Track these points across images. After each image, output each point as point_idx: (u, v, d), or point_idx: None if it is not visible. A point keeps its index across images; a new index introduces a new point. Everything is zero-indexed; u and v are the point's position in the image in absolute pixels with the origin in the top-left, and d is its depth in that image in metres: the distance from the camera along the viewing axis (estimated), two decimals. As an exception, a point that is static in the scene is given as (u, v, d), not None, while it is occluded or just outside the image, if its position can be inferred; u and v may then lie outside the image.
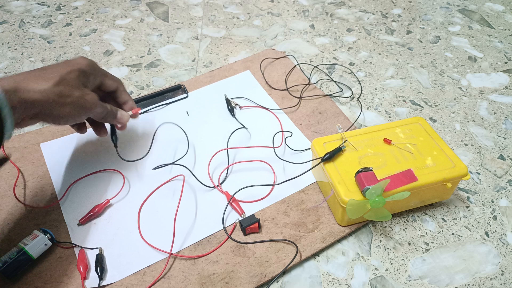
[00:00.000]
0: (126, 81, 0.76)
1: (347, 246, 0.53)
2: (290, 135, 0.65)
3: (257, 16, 0.94)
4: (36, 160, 0.61)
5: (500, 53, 0.85)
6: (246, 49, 0.84)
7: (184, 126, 0.66)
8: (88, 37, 0.87)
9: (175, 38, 0.87)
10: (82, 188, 0.58)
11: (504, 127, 0.69)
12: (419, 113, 0.71)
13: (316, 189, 0.58)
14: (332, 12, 0.96)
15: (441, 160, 0.53)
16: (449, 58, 0.84)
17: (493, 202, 0.58)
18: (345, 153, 0.54)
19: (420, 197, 0.54)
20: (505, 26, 0.93)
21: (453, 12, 0.98)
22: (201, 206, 0.56)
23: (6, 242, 0.51)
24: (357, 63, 0.82)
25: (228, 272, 0.49)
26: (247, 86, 0.74)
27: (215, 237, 0.52)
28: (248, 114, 0.69)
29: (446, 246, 0.53)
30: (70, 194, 0.57)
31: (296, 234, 0.53)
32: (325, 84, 0.77)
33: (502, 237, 0.54)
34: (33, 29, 0.89)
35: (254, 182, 0.58)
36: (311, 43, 0.87)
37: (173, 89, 0.72)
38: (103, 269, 0.49)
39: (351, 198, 0.48)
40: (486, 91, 0.76)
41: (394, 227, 0.55)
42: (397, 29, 0.91)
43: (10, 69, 0.78)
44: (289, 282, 0.49)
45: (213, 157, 0.61)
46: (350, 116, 0.70)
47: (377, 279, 0.50)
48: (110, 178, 0.59)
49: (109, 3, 0.97)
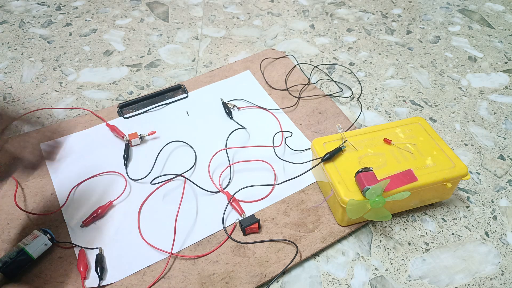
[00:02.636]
0: (126, 81, 0.76)
1: (347, 246, 0.53)
2: (290, 135, 0.65)
3: (257, 16, 0.94)
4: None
5: (500, 53, 0.85)
6: (246, 49, 0.84)
7: (184, 126, 0.66)
8: (88, 37, 0.87)
9: (175, 38, 0.87)
10: (82, 189, 0.57)
11: (504, 127, 0.69)
12: (419, 113, 0.71)
13: (316, 189, 0.58)
14: (332, 12, 0.96)
15: (441, 160, 0.53)
16: (449, 58, 0.84)
17: (493, 202, 0.58)
18: (345, 153, 0.54)
19: (420, 197, 0.54)
20: (505, 26, 0.93)
21: (453, 12, 0.98)
22: (201, 206, 0.56)
23: (6, 242, 0.51)
24: (357, 63, 0.82)
25: (228, 272, 0.49)
26: (247, 86, 0.74)
27: (215, 237, 0.52)
28: (247, 114, 0.69)
29: (446, 246, 0.53)
30: (70, 195, 0.57)
31: (296, 234, 0.53)
32: (325, 84, 0.77)
33: (502, 237, 0.54)
34: (33, 29, 0.89)
35: (254, 182, 0.58)
36: (311, 43, 0.87)
37: (173, 89, 0.72)
38: (103, 269, 0.49)
39: (351, 198, 0.48)
40: (486, 91, 0.76)
41: (394, 227, 0.55)
42: (397, 29, 0.91)
43: (10, 69, 0.78)
44: (289, 282, 0.49)
45: (213, 157, 0.61)
46: (350, 116, 0.70)
47: (377, 279, 0.50)
48: (110, 179, 0.59)
49: (109, 3, 0.97)
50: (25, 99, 0.72)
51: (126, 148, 0.62)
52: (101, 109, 0.69)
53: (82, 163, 0.61)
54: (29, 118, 0.50)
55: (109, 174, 0.59)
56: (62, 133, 0.65)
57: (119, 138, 0.64)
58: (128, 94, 0.73)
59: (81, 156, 0.62)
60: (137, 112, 0.69)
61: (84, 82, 0.76)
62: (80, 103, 0.71)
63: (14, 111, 0.48)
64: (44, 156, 0.52)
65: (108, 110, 0.69)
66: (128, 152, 0.61)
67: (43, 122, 0.67)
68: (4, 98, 0.72)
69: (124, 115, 0.68)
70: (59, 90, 0.74)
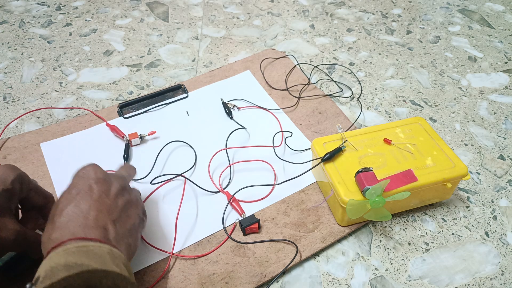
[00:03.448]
0: (126, 81, 0.76)
1: (347, 246, 0.53)
2: (290, 135, 0.65)
3: (257, 16, 0.94)
4: (36, 160, 0.61)
5: (500, 53, 0.85)
6: (246, 49, 0.84)
7: (184, 126, 0.66)
8: (88, 37, 0.87)
9: (175, 38, 0.87)
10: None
11: (504, 127, 0.69)
12: (419, 113, 0.71)
13: (316, 189, 0.58)
14: (332, 12, 0.96)
15: (441, 160, 0.53)
16: (449, 58, 0.84)
17: (493, 202, 0.58)
18: (345, 153, 0.54)
19: (420, 197, 0.54)
20: (505, 26, 0.93)
21: (453, 12, 0.98)
22: (201, 206, 0.56)
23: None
24: (357, 63, 0.82)
25: (228, 272, 0.49)
26: (247, 86, 0.74)
27: (215, 237, 0.52)
28: (247, 114, 0.69)
29: (446, 246, 0.53)
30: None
31: (296, 234, 0.53)
32: (325, 84, 0.77)
33: (502, 237, 0.54)
34: (33, 29, 0.89)
35: (254, 182, 0.58)
36: (311, 43, 0.87)
37: (173, 89, 0.72)
38: (103, 269, 0.48)
39: (351, 198, 0.48)
40: (486, 91, 0.76)
41: (394, 227, 0.55)
42: (397, 29, 0.91)
43: (10, 69, 0.78)
44: (289, 282, 0.49)
45: (213, 157, 0.61)
46: (350, 116, 0.70)
47: (377, 279, 0.50)
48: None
49: (109, 3, 0.97)
50: (25, 99, 0.72)
51: (126, 148, 0.62)
52: (101, 109, 0.69)
53: (82, 163, 0.61)
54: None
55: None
56: (63, 132, 0.65)
57: (119, 138, 0.64)
58: (128, 94, 0.74)
59: (81, 156, 0.62)
60: (137, 112, 0.69)
61: (84, 82, 0.76)
62: (80, 103, 0.71)
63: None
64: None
65: (108, 110, 0.69)
66: (128, 152, 0.61)
67: (43, 122, 0.67)
68: (4, 98, 0.72)
69: (124, 115, 0.68)
70: (59, 90, 0.74)
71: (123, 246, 0.39)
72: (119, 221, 0.40)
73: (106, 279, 0.32)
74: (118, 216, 0.40)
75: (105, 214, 0.39)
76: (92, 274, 0.31)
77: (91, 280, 0.31)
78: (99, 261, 0.33)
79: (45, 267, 0.32)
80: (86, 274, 0.31)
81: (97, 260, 0.33)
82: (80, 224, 0.36)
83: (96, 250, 0.34)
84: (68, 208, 0.38)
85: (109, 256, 0.34)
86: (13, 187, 0.41)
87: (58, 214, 0.37)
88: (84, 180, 0.41)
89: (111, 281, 0.32)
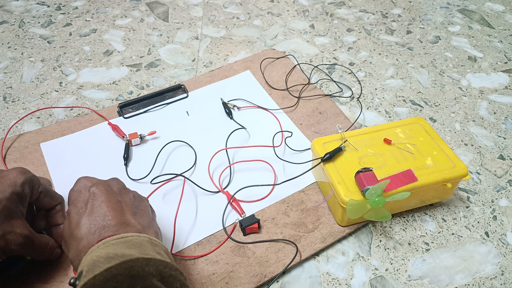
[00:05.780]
0: (126, 81, 0.76)
1: (347, 246, 0.53)
2: (290, 135, 0.65)
3: (257, 16, 0.94)
4: (36, 160, 0.61)
5: (500, 53, 0.85)
6: (246, 49, 0.84)
7: (184, 126, 0.66)
8: (88, 37, 0.87)
9: (175, 38, 0.87)
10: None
11: (504, 127, 0.69)
12: (419, 113, 0.71)
13: (316, 189, 0.58)
14: (332, 12, 0.96)
15: (441, 160, 0.53)
16: (449, 58, 0.84)
17: (493, 202, 0.58)
18: (345, 153, 0.54)
19: (420, 197, 0.54)
20: (505, 26, 0.93)
21: (453, 12, 0.98)
22: (201, 206, 0.56)
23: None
24: (357, 63, 0.82)
25: (228, 272, 0.49)
26: (247, 86, 0.74)
27: (215, 237, 0.52)
28: (247, 114, 0.69)
29: (446, 246, 0.53)
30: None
31: (296, 234, 0.53)
32: (325, 84, 0.77)
33: (502, 237, 0.54)
34: (33, 29, 0.89)
35: (254, 182, 0.58)
36: (311, 43, 0.87)
37: (173, 89, 0.72)
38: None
39: (351, 198, 0.48)
40: (486, 91, 0.76)
41: (394, 227, 0.55)
42: (397, 29, 0.91)
43: (10, 69, 0.78)
44: (289, 282, 0.49)
45: (213, 157, 0.61)
46: (350, 116, 0.70)
47: (377, 279, 0.50)
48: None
49: (109, 3, 0.97)
50: (25, 99, 0.72)
51: (126, 148, 0.62)
52: (101, 109, 0.69)
53: (82, 163, 0.61)
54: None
55: (109, 174, 0.59)
56: (63, 132, 0.65)
57: (119, 138, 0.64)
58: (128, 94, 0.74)
59: (81, 156, 0.62)
60: (137, 112, 0.69)
61: (84, 82, 0.76)
62: (80, 103, 0.71)
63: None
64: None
65: (108, 110, 0.69)
66: (128, 152, 0.61)
67: (43, 122, 0.67)
68: (4, 98, 0.72)
69: (124, 115, 0.68)
70: (59, 90, 0.74)
71: (153, 235, 0.39)
72: (137, 213, 0.40)
73: (148, 267, 0.32)
74: (133, 209, 0.40)
75: (120, 211, 0.39)
76: (134, 263, 0.32)
77: (133, 269, 0.31)
78: (139, 250, 0.33)
79: (87, 261, 0.32)
80: (128, 263, 0.31)
81: (138, 249, 0.33)
82: (102, 226, 0.36)
83: (135, 240, 0.34)
84: (83, 220, 0.37)
85: (149, 244, 0.35)
86: (23, 190, 0.41)
87: (75, 227, 0.37)
88: (83, 191, 0.41)
89: (154, 269, 0.32)
